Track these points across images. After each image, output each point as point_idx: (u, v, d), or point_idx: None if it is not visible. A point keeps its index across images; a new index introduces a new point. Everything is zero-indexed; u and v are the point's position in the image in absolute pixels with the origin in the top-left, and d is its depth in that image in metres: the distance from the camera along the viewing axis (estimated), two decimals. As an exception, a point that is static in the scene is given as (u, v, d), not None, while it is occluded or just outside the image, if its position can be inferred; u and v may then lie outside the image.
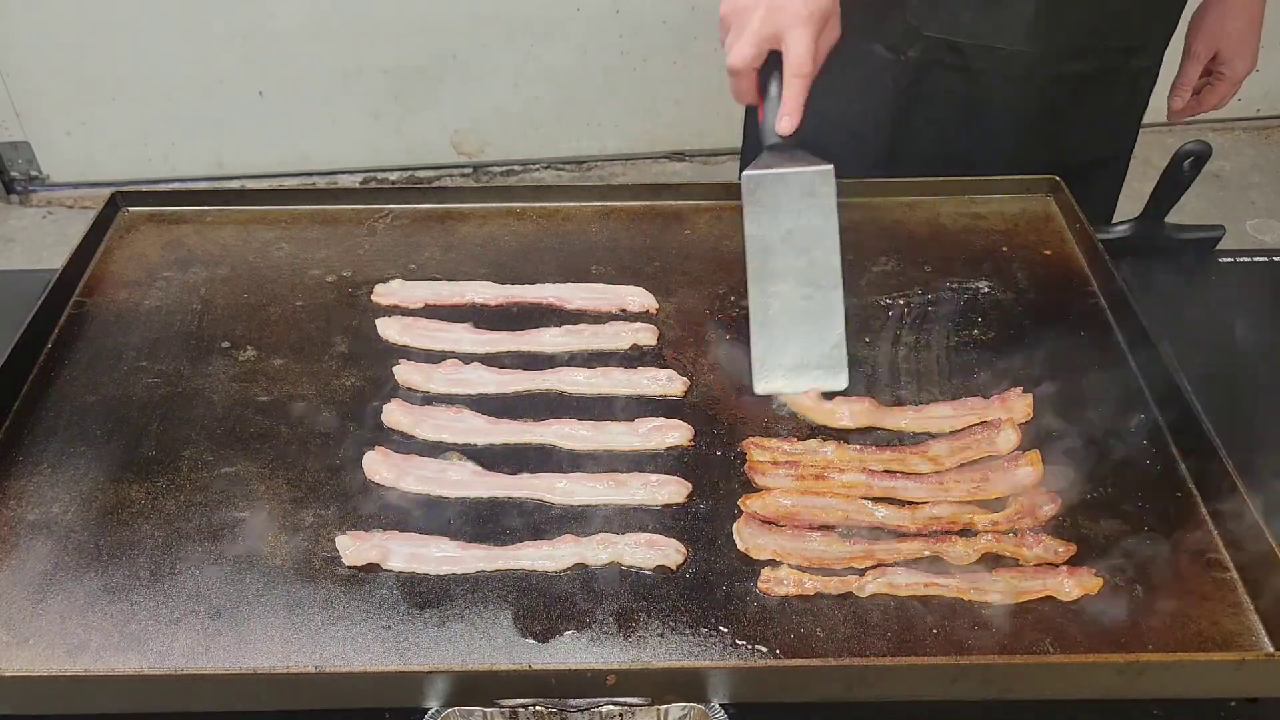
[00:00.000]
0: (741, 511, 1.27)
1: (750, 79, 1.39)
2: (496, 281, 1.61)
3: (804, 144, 1.54)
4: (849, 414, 1.39)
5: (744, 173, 1.37)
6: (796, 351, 1.40)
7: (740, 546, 1.23)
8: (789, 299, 1.39)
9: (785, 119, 1.35)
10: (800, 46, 1.32)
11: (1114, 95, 1.79)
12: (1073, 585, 1.17)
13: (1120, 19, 1.70)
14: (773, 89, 1.37)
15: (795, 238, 1.37)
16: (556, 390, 1.44)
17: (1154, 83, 1.87)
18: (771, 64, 1.38)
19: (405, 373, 1.45)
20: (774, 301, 1.40)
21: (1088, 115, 1.80)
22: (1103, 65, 1.74)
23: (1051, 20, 1.65)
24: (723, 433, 1.38)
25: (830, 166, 1.36)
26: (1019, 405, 1.39)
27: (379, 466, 1.32)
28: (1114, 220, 1.83)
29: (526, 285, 1.60)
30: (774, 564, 1.21)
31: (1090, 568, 1.19)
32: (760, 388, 1.41)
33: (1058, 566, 1.20)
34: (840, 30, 1.41)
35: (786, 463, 1.32)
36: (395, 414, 1.39)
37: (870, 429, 1.39)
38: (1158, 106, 1.92)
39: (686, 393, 1.44)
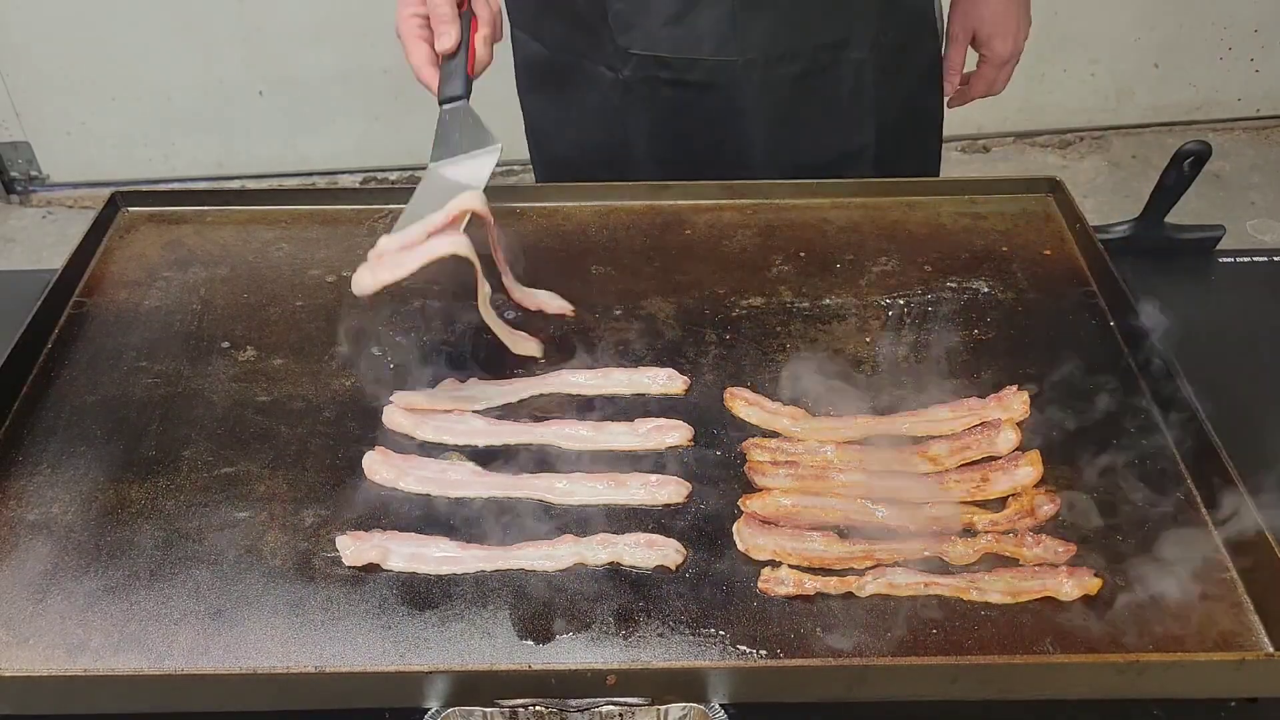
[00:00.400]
0: (741, 511, 1.27)
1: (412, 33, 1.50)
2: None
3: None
4: (850, 426, 1.39)
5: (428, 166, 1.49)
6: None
7: (740, 546, 1.23)
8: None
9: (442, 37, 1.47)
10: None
11: (836, 90, 1.77)
12: (1072, 585, 1.17)
13: (815, 18, 1.69)
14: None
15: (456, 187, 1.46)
16: (556, 392, 1.44)
17: (889, 76, 1.81)
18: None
19: (403, 397, 1.43)
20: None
21: (815, 112, 1.79)
22: (813, 63, 1.73)
23: (744, 27, 1.66)
24: (722, 433, 1.38)
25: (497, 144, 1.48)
26: (1016, 403, 1.39)
27: (379, 467, 1.32)
28: (1103, 219, 1.83)
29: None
30: (774, 564, 1.21)
31: (1090, 568, 1.20)
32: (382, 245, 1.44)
33: (1058, 566, 1.20)
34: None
35: (786, 463, 1.32)
36: (395, 415, 1.39)
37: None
38: (1129, 110, 1.91)
39: (686, 392, 1.44)
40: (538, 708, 1.09)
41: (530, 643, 1.14)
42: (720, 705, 1.10)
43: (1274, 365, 1.56)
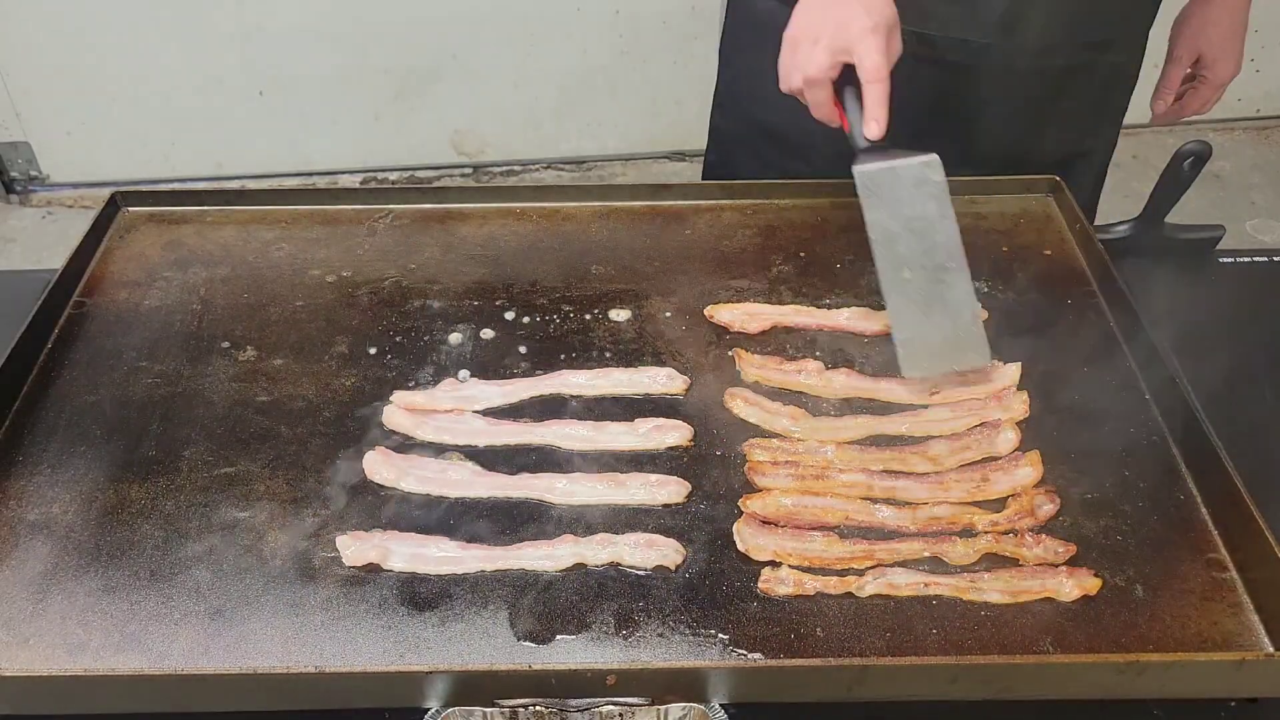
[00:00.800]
0: (741, 511, 1.27)
1: (826, 89, 1.42)
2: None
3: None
4: (850, 426, 1.39)
5: (855, 168, 1.39)
6: (936, 333, 1.42)
7: (740, 547, 1.23)
8: (919, 284, 1.41)
9: (872, 124, 1.38)
10: (873, 54, 1.36)
11: (1087, 91, 1.78)
12: (1072, 585, 1.17)
13: (1091, 15, 1.70)
14: (850, 100, 1.42)
15: (914, 224, 1.39)
16: (556, 393, 1.44)
17: (1133, 81, 1.86)
18: (844, 79, 1.42)
19: (403, 397, 1.43)
20: (907, 288, 1.41)
21: (1060, 110, 1.79)
22: (1075, 61, 1.73)
23: (1022, 15, 1.65)
24: (723, 433, 1.38)
25: (935, 156, 1.38)
26: (1016, 403, 1.39)
27: (379, 466, 1.32)
28: (1103, 219, 1.83)
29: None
30: (774, 564, 1.21)
31: (1090, 568, 1.20)
32: (908, 372, 1.43)
33: (1057, 567, 1.20)
34: (901, 45, 1.44)
35: (787, 463, 1.32)
36: (396, 415, 1.39)
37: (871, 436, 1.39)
38: (1143, 105, 1.91)
39: (686, 392, 1.44)
40: (538, 708, 1.09)
41: (530, 643, 1.14)
42: (720, 705, 1.10)
43: (1274, 365, 1.56)
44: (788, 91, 1.47)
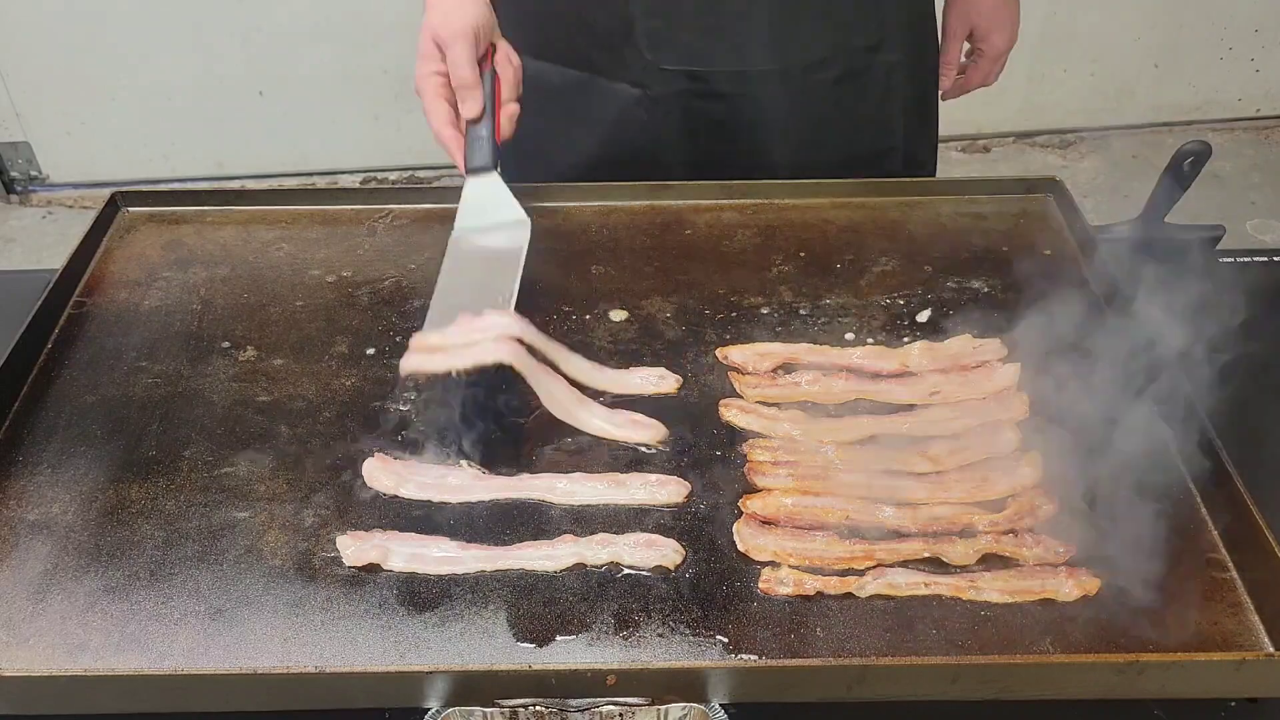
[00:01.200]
0: (741, 512, 1.27)
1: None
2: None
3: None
4: (850, 426, 1.39)
5: (453, 234, 1.48)
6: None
7: (740, 547, 1.23)
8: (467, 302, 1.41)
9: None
10: (455, 56, 1.43)
11: (870, 92, 1.78)
12: (1072, 586, 1.17)
13: (852, 23, 1.70)
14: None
15: (488, 265, 1.46)
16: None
17: (927, 74, 1.87)
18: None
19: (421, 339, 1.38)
20: (454, 301, 1.41)
21: (850, 115, 1.79)
22: (848, 67, 1.73)
23: (784, 36, 1.65)
24: (723, 433, 1.38)
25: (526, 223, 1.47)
26: (1016, 403, 1.39)
27: (378, 474, 1.32)
28: (1103, 219, 1.83)
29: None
30: (774, 564, 1.21)
31: (1089, 568, 1.20)
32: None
33: (1057, 567, 1.20)
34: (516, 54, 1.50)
35: (787, 463, 1.32)
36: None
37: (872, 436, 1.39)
38: (1137, 108, 1.92)
39: (679, 390, 1.43)
40: (538, 708, 1.09)
41: (530, 643, 1.14)
42: (720, 705, 1.10)
43: (1274, 365, 1.56)
44: None
